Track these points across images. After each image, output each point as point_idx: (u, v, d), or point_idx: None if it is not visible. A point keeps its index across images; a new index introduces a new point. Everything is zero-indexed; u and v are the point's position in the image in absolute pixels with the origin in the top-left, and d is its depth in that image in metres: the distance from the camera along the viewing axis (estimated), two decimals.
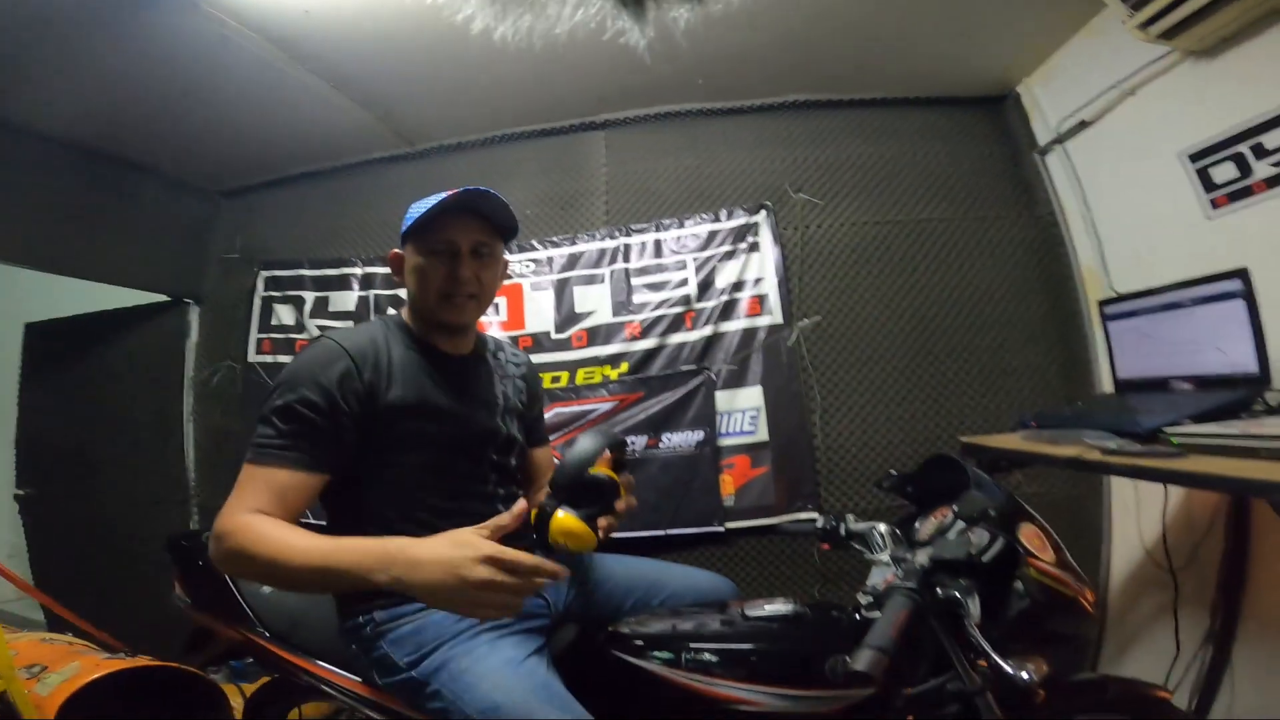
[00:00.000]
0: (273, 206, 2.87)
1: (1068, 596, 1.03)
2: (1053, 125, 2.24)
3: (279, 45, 1.94)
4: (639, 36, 1.84)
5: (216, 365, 2.79)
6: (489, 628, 1.06)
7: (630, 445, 1.28)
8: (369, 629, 1.06)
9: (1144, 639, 1.95)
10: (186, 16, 1.74)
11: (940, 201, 2.41)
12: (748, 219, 2.38)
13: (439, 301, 1.11)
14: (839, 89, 2.46)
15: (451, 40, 1.97)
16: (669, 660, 1.06)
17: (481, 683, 0.98)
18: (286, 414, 0.98)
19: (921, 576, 0.96)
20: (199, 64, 1.97)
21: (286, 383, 1.00)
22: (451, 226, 1.09)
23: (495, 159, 2.65)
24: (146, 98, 2.15)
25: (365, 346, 1.06)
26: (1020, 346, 2.31)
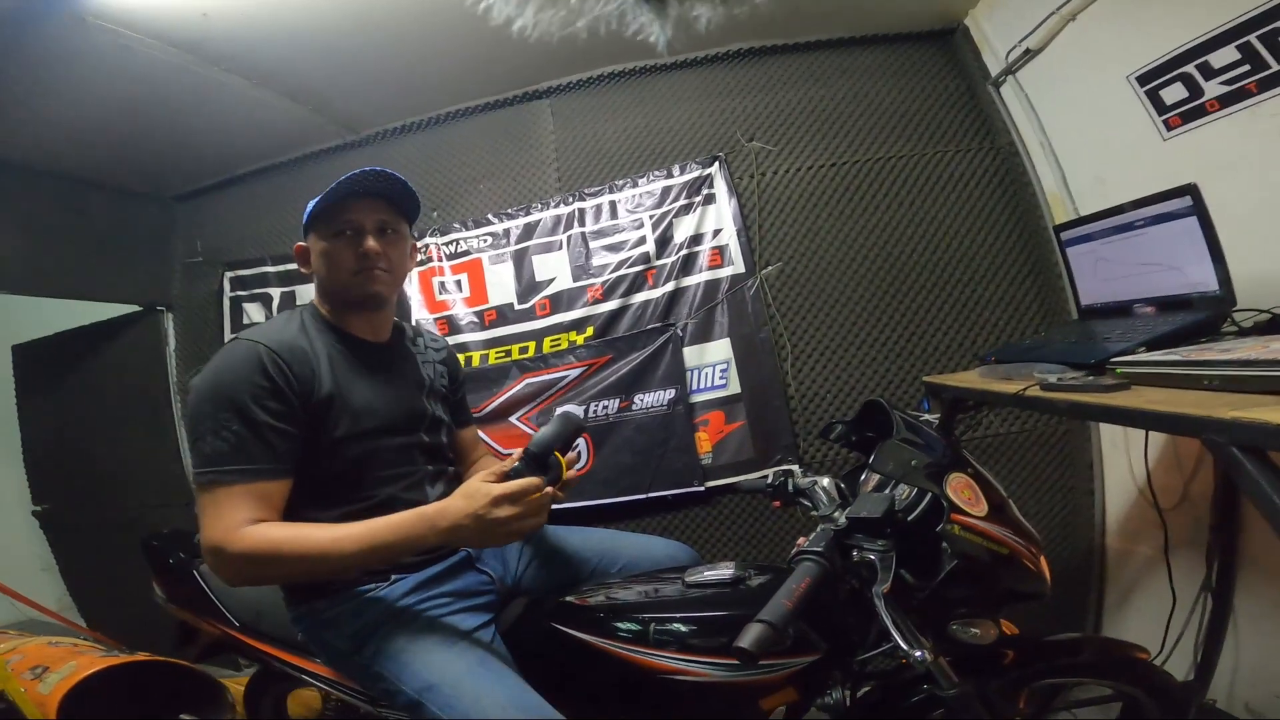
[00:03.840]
0: (227, 207, 2.84)
1: (1000, 553, 0.96)
2: (1001, 55, 2.17)
3: (184, 49, 1.89)
4: (659, 32, 1.79)
5: (197, 369, 2.80)
6: (431, 607, 1.08)
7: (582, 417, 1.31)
8: (311, 618, 1.09)
9: (1144, 586, 1.91)
10: (78, 32, 1.70)
11: (897, 139, 2.33)
12: (701, 171, 2.32)
13: (350, 278, 1.10)
14: (780, 33, 2.38)
15: (369, 23, 1.92)
16: (611, 632, 1.06)
17: (417, 661, 1.00)
18: (243, 422, 0.96)
19: (833, 539, 0.92)
20: (110, 76, 1.92)
21: (222, 391, 0.97)
22: (354, 209, 1.10)
23: (442, 138, 2.59)
24: (73, 114, 2.11)
25: (290, 341, 1.04)
26: (992, 278, 2.25)
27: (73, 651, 1.76)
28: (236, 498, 0.95)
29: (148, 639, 2.54)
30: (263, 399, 0.97)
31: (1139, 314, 1.51)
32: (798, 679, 1.03)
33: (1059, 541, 2.13)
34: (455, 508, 0.93)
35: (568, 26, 1.71)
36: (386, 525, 0.94)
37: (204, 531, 0.94)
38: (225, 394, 0.97)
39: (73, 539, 3.18)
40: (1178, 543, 1.69)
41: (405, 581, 1.10)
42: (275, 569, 0.95)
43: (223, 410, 0.96)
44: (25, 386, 3.19)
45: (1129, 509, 1.99)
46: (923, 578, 0.94)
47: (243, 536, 0.93)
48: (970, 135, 2.32)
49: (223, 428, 0.95)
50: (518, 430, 2.33)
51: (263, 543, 0.93)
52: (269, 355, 1.00)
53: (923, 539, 0.94)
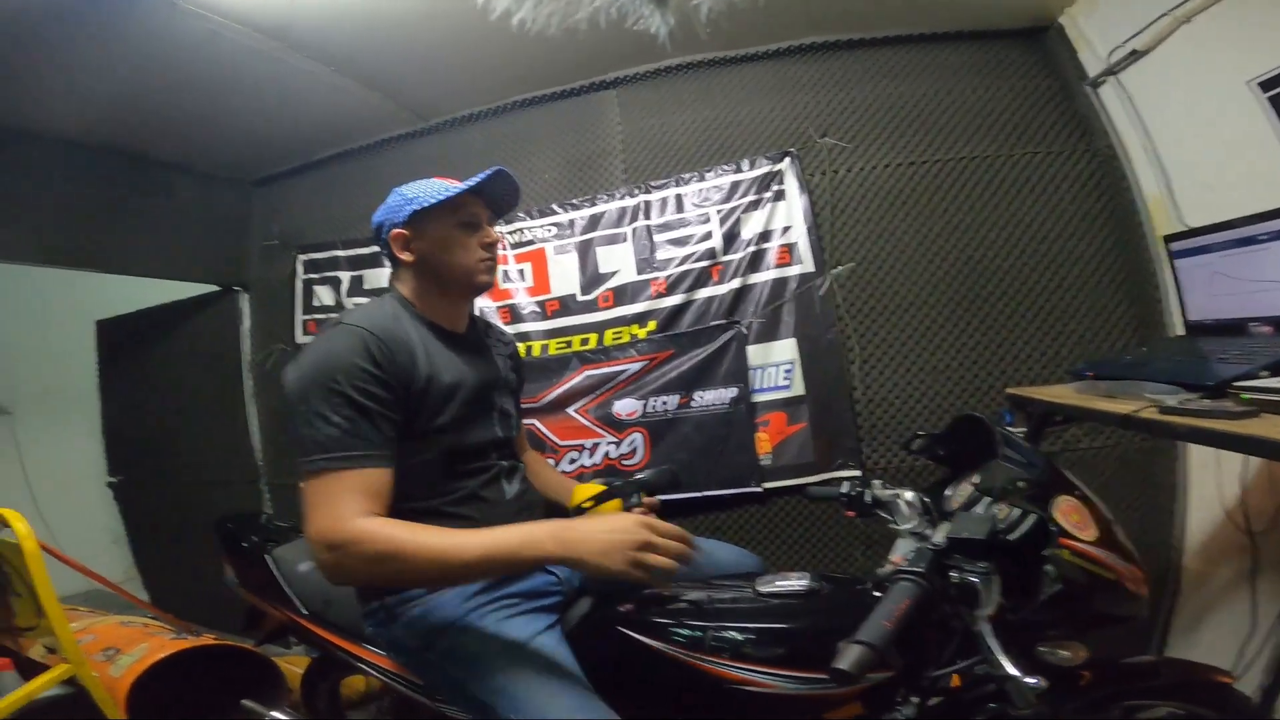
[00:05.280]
0: (303, 191, 2.93)
1: (1107, 578, 0.93)
2: (1102, 56, 2.05)
3: (269, 35, 1.93)
4: (660, 24, 1.77)
5: (270, 349, 2.92)
6: (499, 607, 1.07)
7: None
8: (383, 613, 1.08)
9: (1220, 610, 1.81)
10: (168, 16, 1.75)
11: (981, 139, 2.21)
12: (771, 167, 2.26)
13: (475, 265, 1.14)
14: (857, 28, 2.29)
15: (446, 11, 1.93)
16: (678, 639, 1.03)
17: (488, 663, 0.99)
18: (353, 407, 0.93)
19: (933, 559, 0.88)
20: (197, 60, 1.98)
21: (330, 375, 0.94)
22: (472, 204, 1.15)
23: (509, 127, 2.60)
24: (161, 98, 2.20)
25: (391, 328, 1.03)
26: (1081, 286, 2.12)
27: (143, 633, 1.79)
28: (349, 487, 0.91)
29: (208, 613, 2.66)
30: (370, 385, 0.95)
31: (1255, 334, 1.40)
32: (865, 694, 1.00)
33: None
34: (593, 524, 0.88)
35: (567, 19, 1.70)
36: (507, 534, 0.88)
37: (315, 523, 0.89)
38: (332, 378, 0.93)
39: (143, 511, 3.34)
40: (1262, 567, 1.62)
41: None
42: (391, 568, 0.88)
43: (332, 395, 0.93)
44: (107, 361, 3.37)
45: (1212, 531, 1.89)
46: (1014, 598, 0.91)
47: (361, 531, 0.88)
48: (1063, 137, 2.19)
49: (334, 412, 0.92)
50: (575, 422, 2.33)
51: (382, 540, 0.87)
52: (374, 341, 0.98)
53: (1023, 561, 0.90)
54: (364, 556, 0.87)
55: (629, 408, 2.28)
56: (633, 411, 2.27)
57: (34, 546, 1.46)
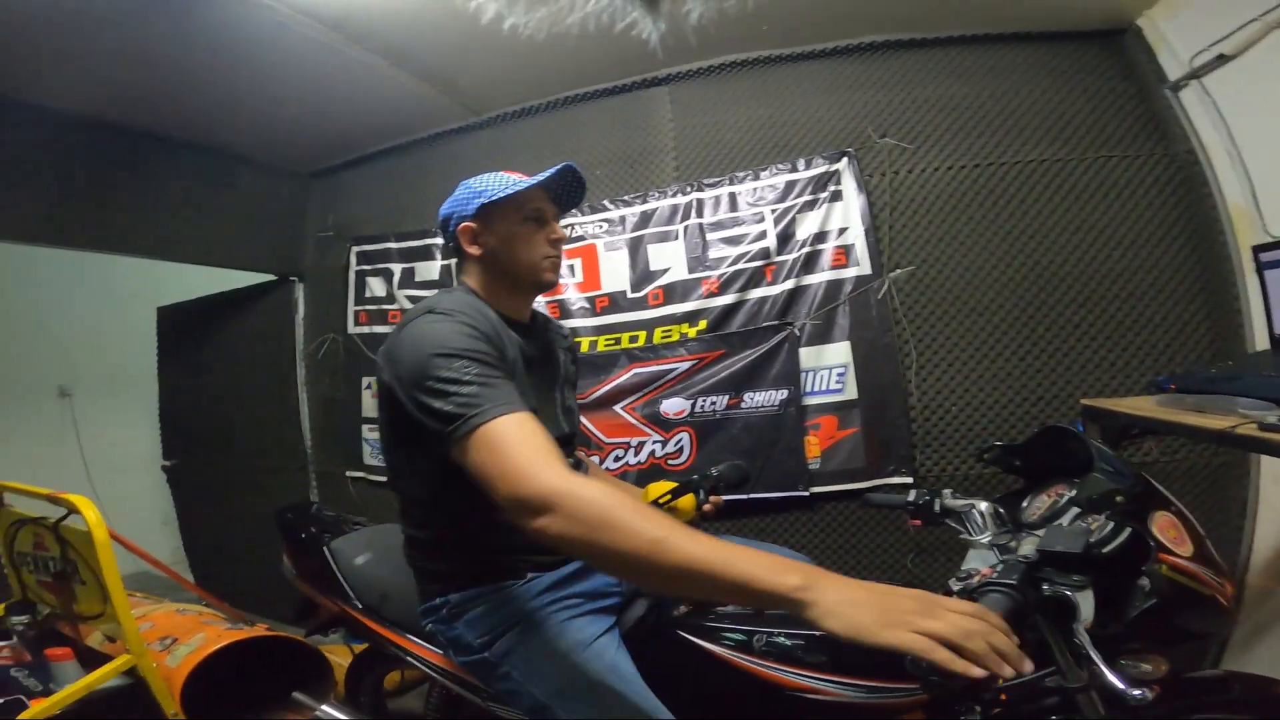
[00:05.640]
0: (358, 184, 2.99)
1: (1204, 595, 0.90)
2: (1184, 59, 1.96)
3: (331, 26, 1.98)
4: (651, 29, 1.75)
5: (322, 338, 2.99)
6: (561, 608, 1.06)
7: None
8: (445, 610, 1.08)
9: (1276, 630, 1.73)
10: (240, 8, 1.81)
11: (1050, 142, 2.13)
12: (828, 167, 2.21)
13: (541, 261, 1.13)
14: (921, 27, 2.23)
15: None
16: (737, 643, 1.02)
17: (549, 666, 0.99)
18: (480, 366, 0.89)
19: (1025, 572, 0.85)
20: (264, 52, 2.04)
21: (440, 347, 0.90)
22: (540, 199, 1.13)
23: (561, 122, 2.61)
24: (229, 89, 2.28)
25: (477, 318, 1.01)
26: (1154, 297, 2.03)
27: (199, 621, 1.79)
28: (522, 435, 0.82)
29: (252, 598, 2.72)
30: (487, 350, 0.94)
31: None
32: (928, 703, 0.97)
33: None
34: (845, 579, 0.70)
35: (558, 24, 1.69)
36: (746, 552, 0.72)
37: (508, 483, 0.79)
38: (448, 349, 0.90)
39: (193, 495, 3.44)
40: None
41: (541, 580, 1.08)
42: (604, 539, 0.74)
43: (454, 360, 0.89)
44: (166, 347, 3.49)
45: (1278, 550, 1.82)
46: (1103, 612, 0.88)
47: (573, 491, 0.76)
48: (1139, 141, 2.10)
49: (463, 375, 0.87)
50: (621, 419, 2.32)
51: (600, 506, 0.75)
52: (470, 320, 0.97)
53: (1114, 575, 0.88)
54: (580, 519, 0.75)
55: (677, 407, 2.26)
56: (680, 411, 2.26)
57: (104, 536, 1.44)
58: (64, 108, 2.27)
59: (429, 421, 0.87)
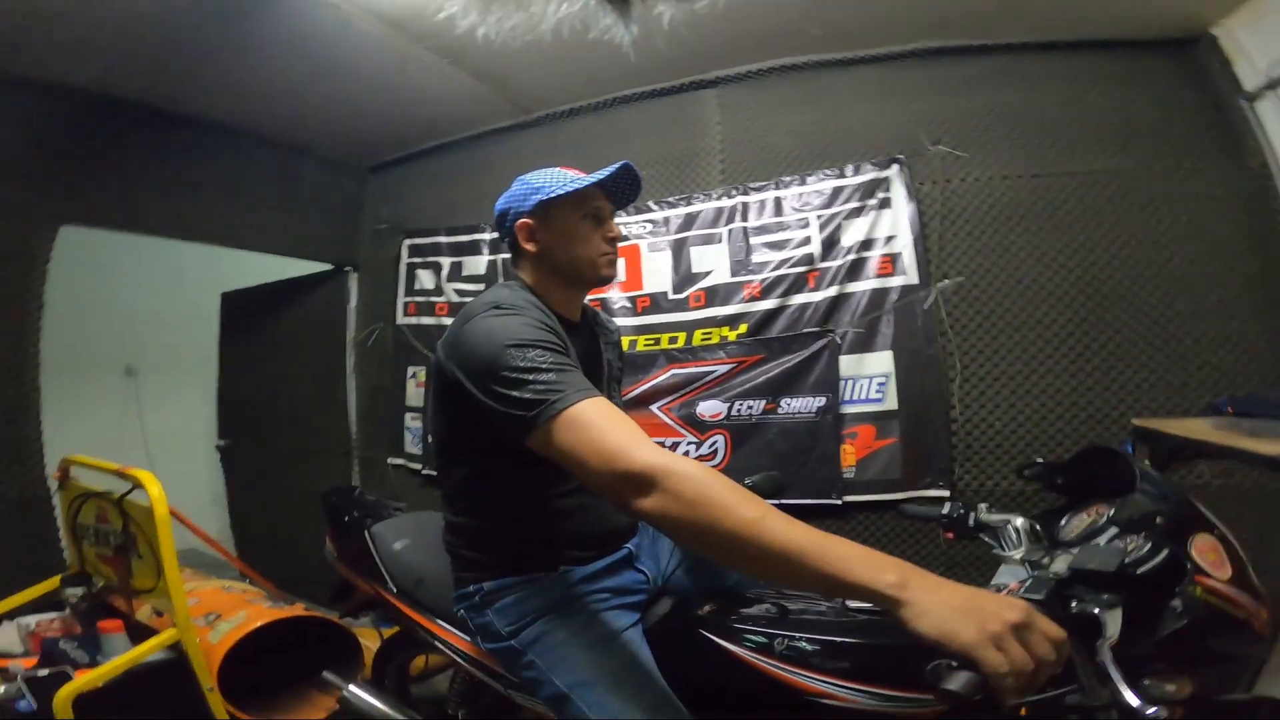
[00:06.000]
0: (412, 179, 3.10)
1: (1238, 618, 0.90)
2: (1262, 69, 1.88)
3: (392, 25, 2.05)
4: (624, 34, 1.76)
5: (372, 327, 3.10)
6: (589, 601, 1.09)
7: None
8: (478, 597, 1.11)
9: None
10: (305, 4, 1.90)
11: (1115, 153, 2.06)
12: (877, 174, 2.19)
13: (598, 258, 1.14)
14: (980, 33, 2.18)
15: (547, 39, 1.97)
16: (759, 645, 1.02)
17: (573, 656, 1.01)
18: (552, 354, 0.92)
19: (1054, 589, 0.86)
20: (329, 48, 2.14)
21: (511, 339, 0.93)
22: (596, 196, 1.13)
23: (609, 122, 2.65)
24: (296, 84, 2.39)
25: (538, 314, 1.04)
26: (1219, 314, 1.95)
27: (242, 599, 1.87)
28: (608, 416, 0.84)
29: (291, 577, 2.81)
30: (554, 341, 0.96)
31: None
32: (947, 714, 0.96)
33: None
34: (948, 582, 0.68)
35: (530, 32, 1.70)
36: (843, 542, 0.71)
37: (605, 461, 0.80)
38: (518, 341, 0.92)
39: (243, 475, 3.60)
40: None
41: (572, 573, 1.11)
42: (704, 516, 0.74)
43: (527, 351, 0.91)
44: (227, 330, 3.66)
45: None
46: (1133, 632, 0.88)
47: (672, 465, 0.76)
48: (1210, 152, 2.02)
49: (538, 364, 0.90)
50: (658, 419, 2.35)
51: (701, 481, 0.75)
52: (531, 315, 1.00)
53: (1148, 595, 0.89)
54: (681, 495, 0.75)
55: (713, 409, 2.27)
56: (717, 413, 2.27)
57: (165, 512, 1.50)
58: (139, 100, 2.40)
59: (508, 409, 0.88)
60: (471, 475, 1.11)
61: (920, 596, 0.65)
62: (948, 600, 0.64)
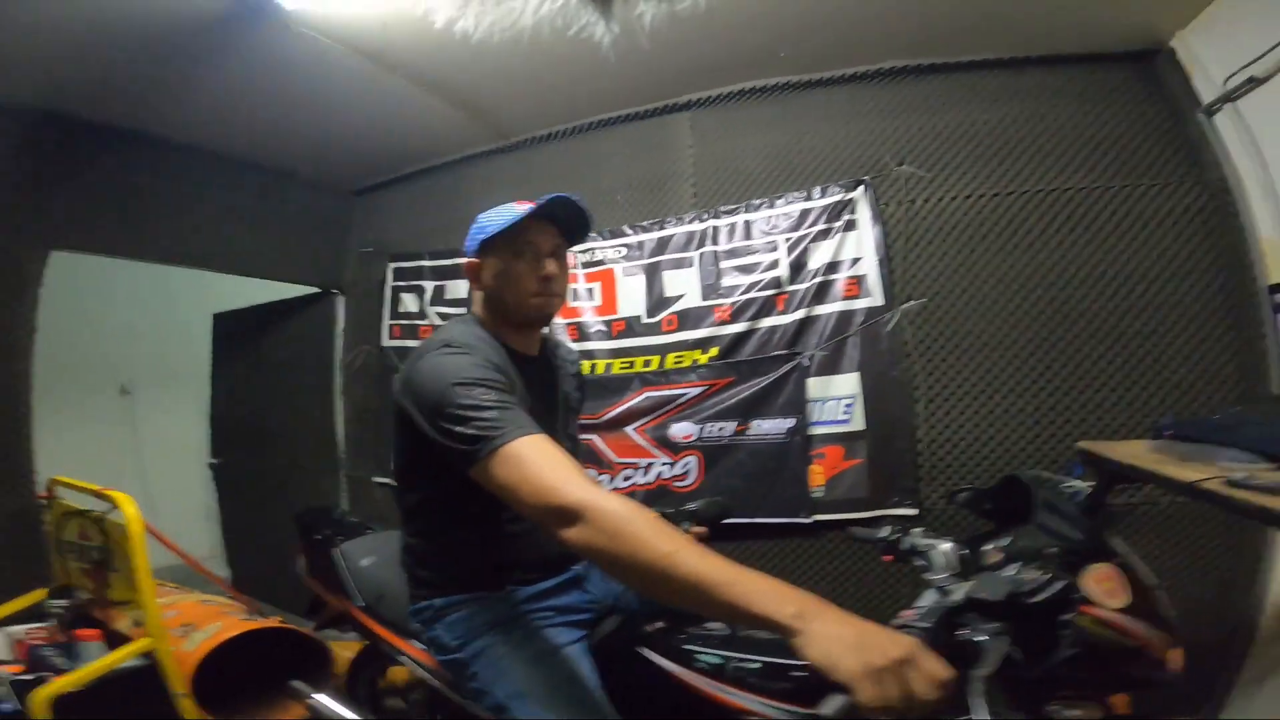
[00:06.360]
0: (396, 203, 3.15)
1: (1130, 647, 0.92)
2: (1218, 82, 1.87)
3: (367, 56, 2.11)
4: (604, 33, 1.79)
5: (358, 349, 3.15)
6: (533, 618, 1.14)
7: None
8: (429, 612, 1.17)
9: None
10: (283, 36, 1.94)
11: (1076, 170, 2.09)
12: (843, 195, 2.23)
13: (531, 299, 1.15)
14: (943, 51, 2.21)
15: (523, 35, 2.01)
16: (692, 663, 1.06)
17: (512, 670, 1.06)
18: (496, 392, 0.96)
19: (943, 616, 0.90)
20: (306, 77, 2.19)
21: (456, 376, 0.98)
22: (533, 230, 1.14)
23: (584, 147, 2.69)
24: (276, 112, 2.45)
25: (487, 351, 1.09)
26: (1179, 334, 1.97)
27: (218, 612, 1.94)
28: (545, 453, 0.90)
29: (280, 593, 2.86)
30: (498, 379, 1.01)
31: None
32: None
33: (1203, 619, 1.85)
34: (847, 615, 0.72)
35: (510, 28, 1.72)
36: (750, 575, 0.75)
37: (536, 495, 0.86)
38: (463, 379, 0.97)
39: (235, 493, 3.66)
40: None
41: (518, 592, 1.17)
42: (625, 549, 0.80)
43: (472, 388, 0.96)
44: (220, 351, 3.74)
45: None
46: (1033, 656, 0.93)
47: (600, 502, 0.82)
48: (1170, 168, 2.03)
49: (482, 401, 0.95)
50: (632, 440, 2.39)
51: (621, 517, 0.81)
52: (478, 352, 1.05)
53: (1043, 622, 0.92)
54: (603, 528, 0.81)
55: (685, 431, 2.31)
56: (689, 435, 2.31)
57: (140, 530, 1.59)
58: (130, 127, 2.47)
59: (453, 444, 0.94)
60: (424, 499, 1.17)
61: (814, 628, 0.69)
62: (840, 633, 0.68)
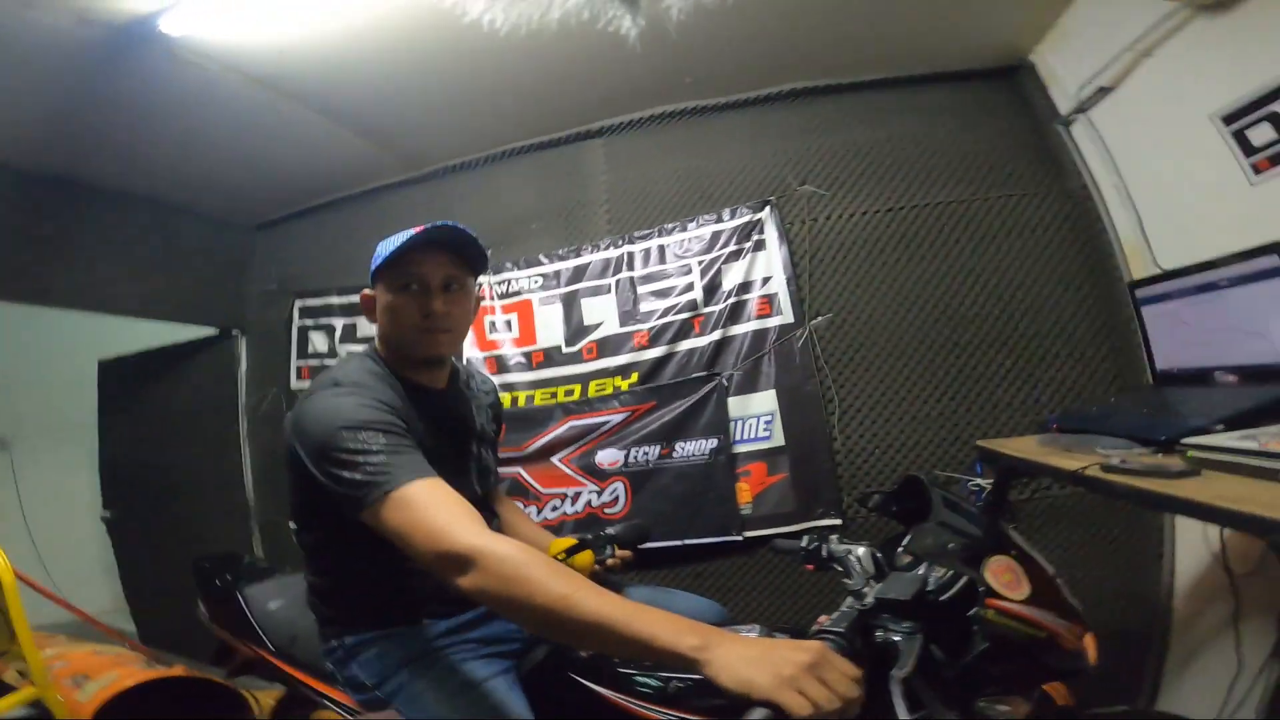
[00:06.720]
0: (302, 237, 3.00)
1: (1039, 637, 0.94)
2: (1072, 93, 2.05)
3: (262, 84, 2.00)
4: (630, 25, 1.78)
5: (264, 392, 2.97)
6: (453, 651, 1.09)
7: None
8: (340, 651, 1.11)
9: (1209, 653, 1.79)
10: (168, 63, 1.82)
11: (959, 182, 2.24)
12: (752, 216, 2.30)
13: (415, 337, 1.09)
14: (837, 73, 2.33)
15: (431, 63, 1.99)
16: (627, 686, 1.05)
17: (435, 705, 1.01)
18: (386, 436, 0.94)
19: (856, 619, 0.89)
20: (197, 107, 2.06)
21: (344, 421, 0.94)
22: (420, 262, 1.07)
23: (497, 176, 2.66)
24: (166, 143, 2.28)
25: (379, 389, 1.04)
26: (1060, 334, 2.13)
27: (114, 661, 1.83)
28: (437, 499, 0.88)
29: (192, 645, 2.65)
30: (390, 419, 0.97)
31: (1221, 383, 1.41)
32: None
33: (1122, 606, 1.97)
34: (745, 636, 0.77)
35: (538, 19, 1.71)
36: (648, 611, 0.76)
37: (428, 542, 0.84)
38: (350, 423, 0.94)
39: (134, 545, 3.37)
40: (1249, 609, 1.61)
41: (436, 625, 1.12)
42: (519, 593, 0.78)
43: (359, 432, 0.93)
44: (107, 399, 3.43)
45: (1200, 574, 1.87)
46: (953, 655, 0.93)
47: (491, 548, 0.81)
48: (1038, 178, 2.21)
49: (370, 446, 0.92)
50: (558, 470, 2.35)
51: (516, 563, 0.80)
52: (369, 391, 1.01)
53: (955, 619, 0.93)
54: (496, 574, 0.80)
55: (611, 458, 2.30)
56: (614, 461, 2.29)
57: (11, 579, 1.54)
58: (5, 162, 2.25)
59: (340, 490, 0.91)
60: (324, 538, 1.11)
61: (719, 654, 0.69)
62: (744, 654, 0.69)
